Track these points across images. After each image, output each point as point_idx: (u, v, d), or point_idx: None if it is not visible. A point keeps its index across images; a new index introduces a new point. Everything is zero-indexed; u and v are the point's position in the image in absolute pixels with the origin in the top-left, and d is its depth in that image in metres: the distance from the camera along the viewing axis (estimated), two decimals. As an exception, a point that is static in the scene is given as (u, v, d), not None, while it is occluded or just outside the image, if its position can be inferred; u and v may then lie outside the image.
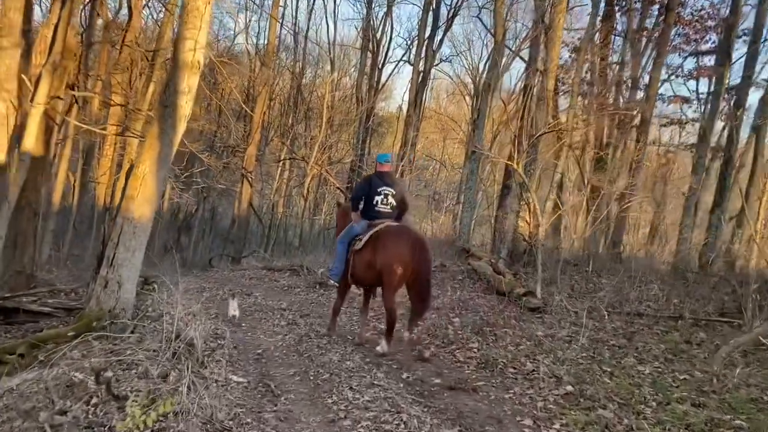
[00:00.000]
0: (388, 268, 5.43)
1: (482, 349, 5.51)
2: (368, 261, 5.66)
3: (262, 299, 8.87)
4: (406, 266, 5.42)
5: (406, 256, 5.41)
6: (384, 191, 5.91)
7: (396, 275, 5.44)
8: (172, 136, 5.97)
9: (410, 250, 5.44)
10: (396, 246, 5.48)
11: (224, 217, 27.70)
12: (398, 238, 5.54)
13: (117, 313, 5.90)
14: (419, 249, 5.49)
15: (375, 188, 5.91)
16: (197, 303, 7.27)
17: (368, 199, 5.90)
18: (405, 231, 5.69)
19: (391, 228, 5.66)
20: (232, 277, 12.10)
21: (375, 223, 5.79)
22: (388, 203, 5.92)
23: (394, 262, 5.40)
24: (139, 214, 5.90)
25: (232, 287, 10.32)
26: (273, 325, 6.97)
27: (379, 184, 5.92)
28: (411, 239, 5.55)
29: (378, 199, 5.87)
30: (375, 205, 5.88)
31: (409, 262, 5.41)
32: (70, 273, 12.19)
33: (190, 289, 10.18)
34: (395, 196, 5.96)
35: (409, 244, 5.47)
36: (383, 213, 5.89)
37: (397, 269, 5.42)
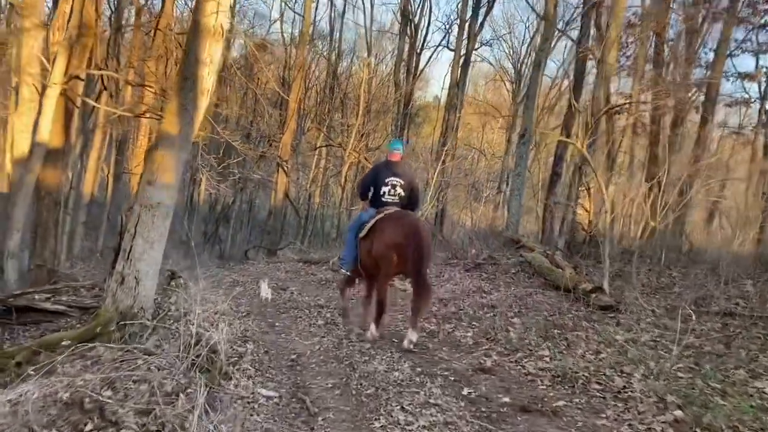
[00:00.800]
0: (383, 255, 5.23)
1: (555, 358, 4.61)
2: (369, 248, 5.46)
3: (298, 294, 8.12)
4: (401, 253, 5.15)
5: (401, 243, 5.14)
6: (391, 181, 5.64)
7: (390, 262, 5.19)
8: (193, 113, 5.23)
9: (405, 237, 5.15)
10: (391, 233, 5.24)
11: (262, 209, 27.25)
12: (395, 225, 5.28)
13: (135, 313, 5.20)
14: (416, 236, 5.13)
15: (382, 178, 5.65)
16: (226, 299, 6.60)
17: (375, 189, 5.68)
18: (402, 217, 5.39)
19: (390, 215, 5.43)
20: (267, 270, 11.44)
21: (380, 210, 5.56)
22: (395, 194, 5.65)
23: (389, 248, 5.18)
24: (158, 200, 5.19)
25: (268, 281, 9.62)
26: (309, 324, 6.20)
27: (386, 173, 5.67)
28: (407, 226, 5.23)
29: (385, 189, 5.63)
30: (382, 195, 5.63)
31: (404, 250, 5.13)
32: (100, 266, 11.73)
33: (223, 283, 9.55)
34: (404, 186, 5.66)
35: (404, 231, 5.19)
36: (390, 203, 5.62)
37: (391, 256, 5.18)
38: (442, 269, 9.15)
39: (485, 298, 7.16)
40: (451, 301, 7.00)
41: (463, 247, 10.85)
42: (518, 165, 11.98)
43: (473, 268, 9.02)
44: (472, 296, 7.30)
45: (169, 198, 5.29)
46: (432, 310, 6.61)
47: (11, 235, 6.65)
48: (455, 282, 8.29)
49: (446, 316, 6.33)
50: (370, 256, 5.46)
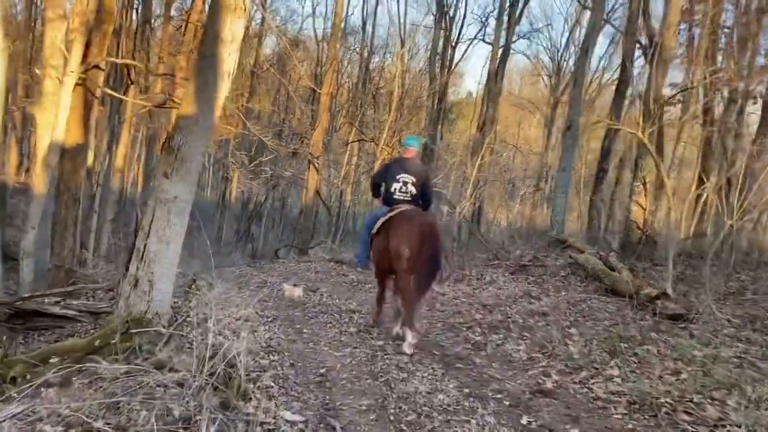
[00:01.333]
0: (396, 252, 5.07)
1: (628, 379, 3.92)
2: (382, 246, 5.33)
3: (328, 297, 7.55)
4: (413, 249, 4.97)
5: (412, 240, 4.98)
6: (403, 178, 5.48)
7: (403, 259, 5.02)
8: (213, 97, 4.70)
9: (417, 234, 5.00)
10: (402, 230, 5.10)
11: (294, 207, 26.90)
12: (407, 222, 5.13)
13: (149, 320, 4.71)
14: (428, 234, 4.98)
15: (393, 175, 5.52)
16: (251, 303, 6.07)
17: (387, 186, 5.56)
18: (414, 215, 5.23)
19: (402, 212, 5.26)
20: (297, 270, 10.92)
21: (393, 208, 5.39)
22: (407, 191, 5.48)
23: (401, 245, 5.03)
24: (174, 195, 4.67)
25: (297, 281, 9.10)
26: (340, 332, 5.61)
27: (398, 171, 5.53)
28: (419, 223, 5.07)
29: (396, 186, 5.49)
30: (393, 192, 5.49)
31: (416, 246, 4.97)
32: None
33: (250, 284, 9.06)
34: (415, 183, 5.48)
35: (415, 228, 5.03)
36: (401, 201, 5.45)
37: (404, 252, 5.01)
38: (483, 271, 8.48)
39: (534, 304, 6.47)
40: (496, 308, 6.33)
41: (504, 248, 10.14)
42: (564, 159, 11.19)
43: (518, 270, 8.32)
44: (519, 302, 6.61)
45: (186, 192, 4.77)
46: (476, 318, 5.96)
47: (26, 233, 6.25)
48: (498, 285, 7.61)
49: (493, 325, 5.67)
50: (383, 253, 5.33)
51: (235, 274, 11.13)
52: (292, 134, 23.40)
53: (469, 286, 7.69)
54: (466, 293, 7.24)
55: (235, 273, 11.28)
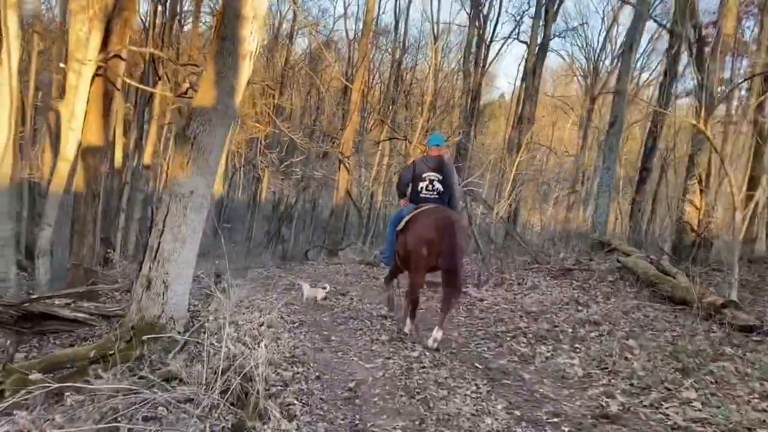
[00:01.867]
0: (414, 249, 5.08)
1: (708, 403, 3.32)
2: (404, 242, 5.29)
3: (358, 301, 7.06)
4: (431, 247, 4.94)
5: (431, 238, 4.94)
6: (429, 177, 5.45)
7: (420, 256, 5.01)
8: (233, 81, 4.26)
9: (437, 231, 4.93)
10: (423, 227, 5.07)
11: (325, 209, 26.56)
12: (427, 220, 5.09)
13: (163, 324, 4.30)
14: (447, 232, 4.90)
15: (419, 174, 5.48)
16: (276, 307, 5.61)
17: (414, 185, 5.53)
18: (435, 212, 5.15)
19: (425, 210, 5.21)
20: (326, 272, 10.47)
21: (419, 206, 5.35)
22: (433, 189, 5.46)
23: (419, 243, 5.02)
24: (190, 189, 4.25)
25: (325, 284, 8.64)
26: (371, 340, 5.11)
27: (424, 169, 5.49)
28: (439, 220, 5.00)
29: (422, 185, 5.46)
30: (420, 191, 5.46)
31: (434, 244, 4.92)
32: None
33: (278, 286, 8.63)
34: (442, 181, 5.45)
35: (436, 226, 4.97)
36: (428, 199, 5.41)
37: (421, 250, 4.99)
38: (523, 275, 7.87)
39: (582, 312, 5.85)
40: (542, 315, 5.74)
41: (543, 250, 9.50)
42: (607, 158, 10.48)
43: (561, 274, 7.70)
44: (565, 309, 6.01)
45: (204, 186, 4.34)
46: (520, 327, 5.39)
47: (42, 231, 5.92)
48: (541, 291, 7.00)
49: (540, 335, 5.09)
50: (405, 250, 5.28)
51: (263, 275, 10.74)
52: (323, 135, 23.08)
53: (510, 291, 7.11)
54: (507, 299, 6.66)
55: (263, 274, 10.89)
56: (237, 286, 7.11)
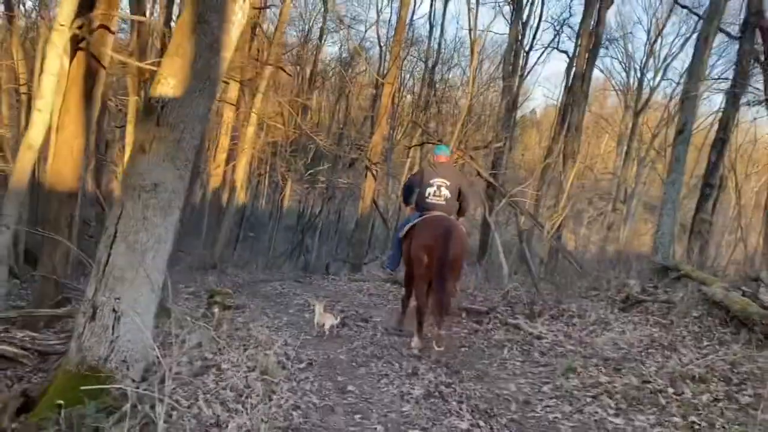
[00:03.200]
0: (415, 255, 5.03)
1: None
2: (408, 249, 5.26)
3: (383, 333, 5.70)
4: (431, 254, 4.84)
5: (431, 245, 4.86)
6: (437, 182, 5.33)
7: (421, 263, 4.94)
8: (218, 28, 2.99)
9: (436, 239, 4.84)
10: (424, 234, 5.00)
11: (350, 221, 25.35)
12: (428, 227, 5.04)
13: (111, 370, 3.03)
14: (446, 240, 4.79)
15: (427, 179, 5.36)
16: (278, 343, 4.30)
17: (421, 191, 5.39)
18: (437, 220, 5.09)
19: (429, 217, 5.15)
20: (347, 290, 9.16)
21: (424, 213, 5.26)
22: (441, 195, 5.32)
23: (420, 249, 4.96)
24: (153, 181, 2.99)
25: (345, 307, 7.31)
26: (400, 393, 3.76)
27: (432, 175, 5.38)
28: (440, 228, 4.94)
29: (430, 191, 5.32)
30: (427, 197, 5.33)
31: (433, 251, 4.83)
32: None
33: (291, 306, 7.34)
34: (449, 187, 5.33)
35: (436, 234, 4.88)
36: (436, 205, 5.29)
37: (422, 257, 4.92)
38: (583, 305, 6.42)
39: (674, 360, 4.41)
40: (624, 364, 4.31)
41: (600, 275, 8.04)
42: (673, 170, 8.98)
43: (629, 306, 6.23)
44: (651, 356, 4.57)
45: (174, 177, 3.07)
46: (600, 381, 3.96)
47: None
48: (610, 327, 5.56)
49: (631, 396, 3.67)
50: (408, 257, 5.27)
51: (277, 291, 9.48)
52: (351, 144, 21.95)
53: (571, 325, 5.68)
54: (572, 337, 5.24)
55: (277, 290, 9.62)
56: (236, 309, 5.84)
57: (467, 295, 7.72)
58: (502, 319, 5.99)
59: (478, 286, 8.40)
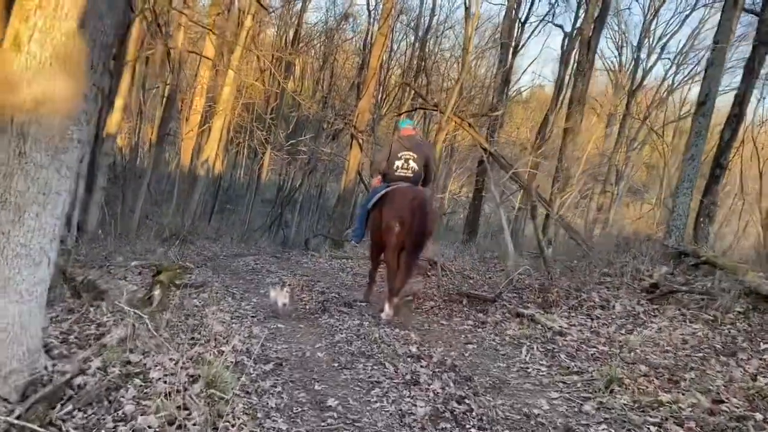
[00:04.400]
0: (387, 226, 4.96)
1: None
2: (376, 220, 5.18)
3: (373, 321, 4.70)
4: (403, 224, 4.85)
5: (403, 215, 4.86)
6: (405, 155, 5.30)
7: (392, 232, 4.90)
8: None
9: (408, 209, 4.86)
10: (395, 205, 4.97)
11: (332, 197, 24.22)
12: (398, 197, 4.99)
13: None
14: (418, 210, 4.84)
15: (395, 153, 5.32)
16: (239, 334, 3.27)
17: (389, 164, 5.33)
18: (408, 191, 5.03)
19: (396, 189, 5.09)
20: (328, 269, 8.15)
21: (391, 184, 5.20)
22: (408, 167, 5.30)
23: (392, 219, 4.92)
24: (35, 96, 1.89)
25: (325, 288, 6.31)
26: (398, 416, 2.76)
27: (400, 148, 5.34)
28: (411, 198, 4.91)
29: (398, 163, 5.30)
30: (396, 170, 5.29)
31: (406, 221, 4.85)
32: (118, 245, 8.82)
33: (262, 285, 6.31)
34: (417, 160, 5.30)
35: (409, 204, 4.87)
36: (403, 177, 5.25)
37: (394, 226, 4.89)
38: (603, 294, 5.49)
39: (735, 369, 3.50)
40: (681, 374, 3.37)
41: (610, 260, 7.13)
42: (693, 145, 8.05)
43: (658, 296, 5.31)
44: (707, 362, 3.64)
45: (69, 89, 1.98)
46: (660, 399, 3.01)
47: None
48: (641, 321, 4.65)
49: (707, 423, 2.71)
50: (377, 228, 5.18)
51: (250, 266, 8.42)
52: (336, 114, 20.75)
53: (595, 318, 4.74)
54: (600, 334, 4.30)
55: (250, 265, 8.57)
56: (195, 288, 4.79)
57: (464, 278, 6.76)
58: (511, 308, 5.03)
59: (474, 268, 7.45)
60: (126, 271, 5.60)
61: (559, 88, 15.96)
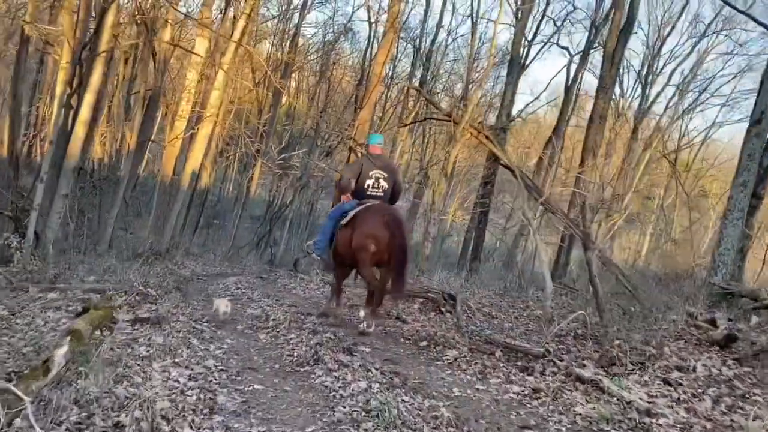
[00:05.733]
0: (361, 245, 4.86)
1: None
2: (348, 238, 5.01)
3: (382, 384, 3.47)
4: (380, 244, 4.79)
5: (379, 235, 4.80)
6: (375, 174, 5.23)
7: (367, 252, 4.84)
8: None
9: (385, 229, 4.80)
10: (371, 224, 4.88)
11: (323, 214, 22.96)
12: (374, 216, 4.92)
13: None
14: (395, 228, 4.81)
15: (366, 171, 5.21)
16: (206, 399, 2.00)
17: (359, 183, 5.22)
18: (383, 210, 5.01)
19: (372, 206, 5.02)
20: (320, 298, 6.91)
21: (363, 202, 5.12)
22: (379, 186, 5.23)
23: (367, 238, 4.83)
24: None
25: (318, 324, 5.08)
26: None
27: (370, 167, 5.24)
28: (387, 218, 4.88)
29: (369, 183, 5.21)
30: (367, 189, 5.20)
31: (383, 241, 4.78)
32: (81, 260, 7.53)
33: (243, 319, 5.08)
34: (387, 179, 5.26)
35: (384, 223, 4.83)
36: (373, 196, 5.19)
37: (369, 246, 4.81)
38: (668, 348, 4.29)
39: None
40: None
41: (667, 304, 5.96)
42: (745, 170, 7.00)
43: (746, 357, 4.14)
44: None
45: None
46: None
47: None
48: (746, 396, 3.45)
49: None
50: (348, 246, 5.01)
51: (228, 291, 7.18)
52: (330, 132, 19.67)
53: (677, 386, 3.54)
54: (696, 412, 3.11)
55: (230, 290, 7.32)
56: (151, 325, 3.56)
57: (485, 316, 5.56)
58: (562, 366, 3.82)
59: (494, 304, 6.24)
60: (65, 299, 4.36)
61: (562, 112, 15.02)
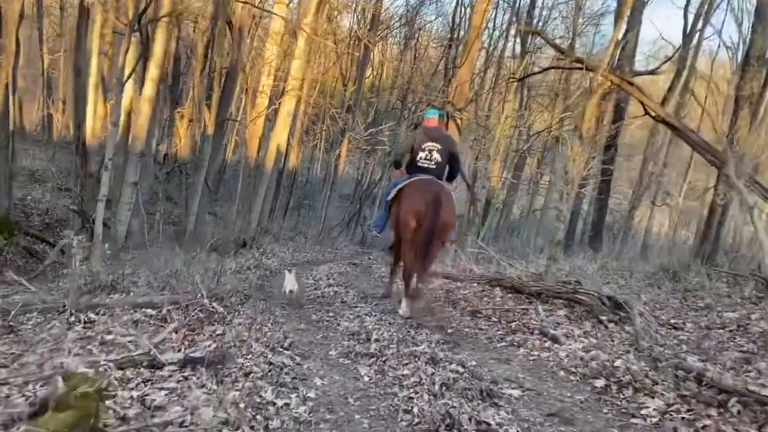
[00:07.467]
0: (403, 220, 4.76)
1: None
2: (396, 214, 4.96)
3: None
4: (420, 219, 4.57)
5: (420, 210, 4.60)
6: (428, 146, 5.07)
7: (409, 227, 4.66)
8: None
9: (425, 203, 4.57)
10: (412, 198, 4.73)
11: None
12: (416, 191, 4.76)
13: None
14: (435, 204, 4.54)
15: (419, 144, 5.10)
16: None
17: (413, 155, 5.14)
18: (426, 183, 4.81)
19: (415, 181, 4.89)
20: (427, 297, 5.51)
21: (412, 176, 4.99)
22: (432, 158, 5.07)
23: (408, 214, 4.70)
24: None
25: (432, 346, 3.69)
26: None
27: (424, 139, 5.11)
28: (429, 193, 4.63)
29: (421, 155, 5.08)
30: (418, 161, 5.08)
31: (423, 216, 4.56)
32: (153, 256, 6.66)
33: (333, 337, 3.77)
34: (441, 151, 5.07)
35: (425, 198, 4.60)
36: (426, 169, 5.04)
37: (410, 221, 4.64)
38: None
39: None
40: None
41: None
42: None
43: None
44: None
45: None
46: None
47: None
48: None
49: None
50: (395, 222, 4.98)
51: (319, 292, 5.99)
52: (418, 101, 18.19)
53: None
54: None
55: (320, 289, 6.13)
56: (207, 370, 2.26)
57: (665, 326, 3.92)
58: None
59: (677, 314, 4.51)
60: (110, 322, 3.25)
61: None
